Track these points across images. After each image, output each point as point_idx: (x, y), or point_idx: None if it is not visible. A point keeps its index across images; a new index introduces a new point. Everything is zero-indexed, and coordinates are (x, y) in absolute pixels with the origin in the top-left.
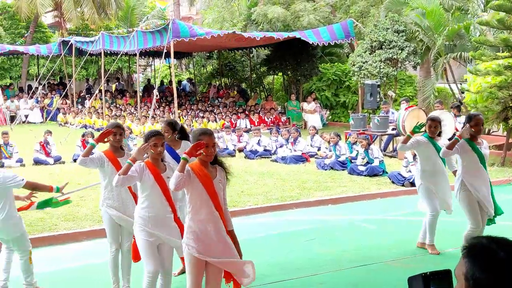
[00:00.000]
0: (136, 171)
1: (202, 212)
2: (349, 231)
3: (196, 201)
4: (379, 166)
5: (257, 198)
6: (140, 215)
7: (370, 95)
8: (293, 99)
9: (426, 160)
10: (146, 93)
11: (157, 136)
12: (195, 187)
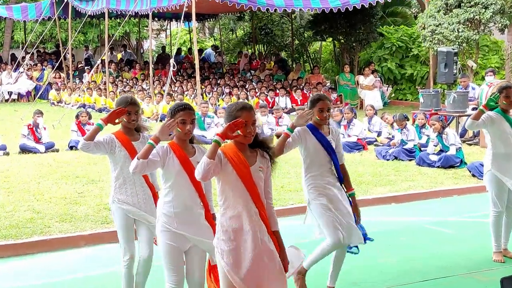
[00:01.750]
0: (159, 155)
1: (237, 207)
2: (417, 235)
3: (229, 193)
4: (456, 155)
5: (300, 195)
6: (164, 211)
7: (445, 66)
8: (346, 71)
9: (498, 140)
10: (160, 64)
11: (186, 111)
12: (227, 175)
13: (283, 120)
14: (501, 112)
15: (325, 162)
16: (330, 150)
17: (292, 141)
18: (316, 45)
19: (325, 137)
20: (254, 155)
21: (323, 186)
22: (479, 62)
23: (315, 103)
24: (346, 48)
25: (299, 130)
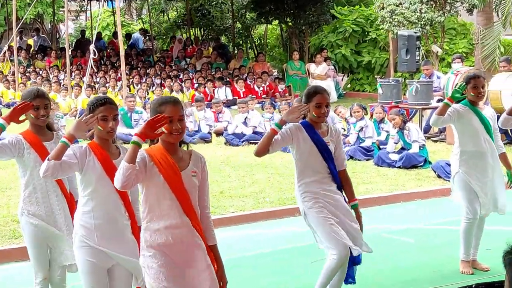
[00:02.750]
0: (75, 156)
1: (164, 218)
2: (377, 246)
3: (155, 202)
4: (419, 154)
5: (243, 202)
6: (82, 222)
7: (407, 52)
8: (295, 59)
9: (466, 136)
10: (80, 51)
11: (107, 106)
12: (154, 182)
13: (223, 115)
14: (469, 104)
15: (320, 167)
16: (326, 154)
17: (281, 139)
18: (260, 29)
19: (322, 138)
20: (187, 157)
21: (320, 193)
22: (445, 47)
23: (311, 97)
24: (295, 32)
25: (291, 127)
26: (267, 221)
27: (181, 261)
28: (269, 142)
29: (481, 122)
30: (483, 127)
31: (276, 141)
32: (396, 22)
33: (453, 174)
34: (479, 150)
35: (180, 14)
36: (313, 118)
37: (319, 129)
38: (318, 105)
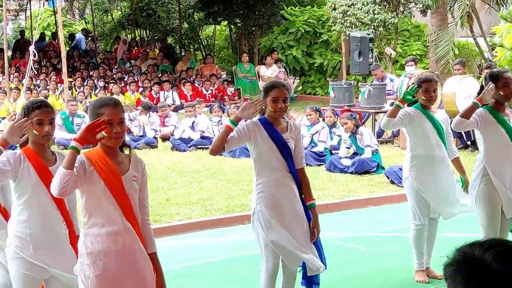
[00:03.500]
0: (9, 163)
1: (104, 225)
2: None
3: (95, 208)
4: (372, 159)
5: (190, 209)
6: (17, 232)
7: (359, 54)
8: (244, 61)
9: (418, 141)
10: (19, 52)
11: (42, 109)
12: (93, 187)
13: (170, 120)
14: (421, 108)
15: (279, 166)
16: (285, 151)
17: (237, 136)
18: (209, 30)
19: (281, 135)
20: (127, 161)
21: (274, 197)
22: (398, 49)
23: (268, 91)
24: (244, 33)
25: (247, 124)
26: (215, 229)
27: (122, 269)
28: (224, 140)
29: (433, 126)
30: (435, 131)
31: (232, 138)
32: (349, 23)
33: (404, 178)
34: (430, 155)
35: (125, 14)
36: (270, 114)
37: (278, 125)
38: (275, 100)
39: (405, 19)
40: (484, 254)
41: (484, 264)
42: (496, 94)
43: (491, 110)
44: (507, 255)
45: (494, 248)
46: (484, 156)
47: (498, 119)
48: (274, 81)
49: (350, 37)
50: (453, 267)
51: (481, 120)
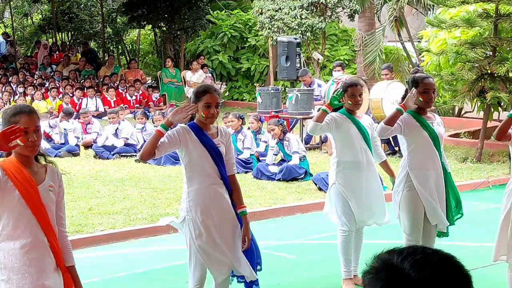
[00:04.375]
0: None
1: (20, 237)
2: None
3: (8, 219)
4: (300, 166)
5: (113, 219)
6: None
7: (287, 59)
8: (170, 66)
9: (344, 146)
10: None
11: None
12: (8, 197)
13: (92, 126)
14: (347, 113)
15: (211, 172)
16: (217, 157)
17: (168, 142)
18: (133, 34)
19: (212, 140)
20: (43, 171)
21: (206, 204)
22: (326, 54)
23: (200, 96)
24: (170, 37)
25: (178, 129)
26: (139, 239)
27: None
28: (155, 145)
29: (359, 131)
30: (361, 136)
31: (162, 144)
32: (276, 28)
33: (330, 184)
34: (356, 161)
35: (46, 18)
36: (201, 119)
37: (208, 130)
38: (207, 105)
39: (332, 24)
40: (403, 262)
41: (402, 272)
42: (416, 99)
43: (414, 114)
44: (425, 263)
45: (412, 255)
46: (407, 161)
47: (422, 123)
48: (207, 86)
49: (277, 42)
50: (371, 275)
51: (404, 125)
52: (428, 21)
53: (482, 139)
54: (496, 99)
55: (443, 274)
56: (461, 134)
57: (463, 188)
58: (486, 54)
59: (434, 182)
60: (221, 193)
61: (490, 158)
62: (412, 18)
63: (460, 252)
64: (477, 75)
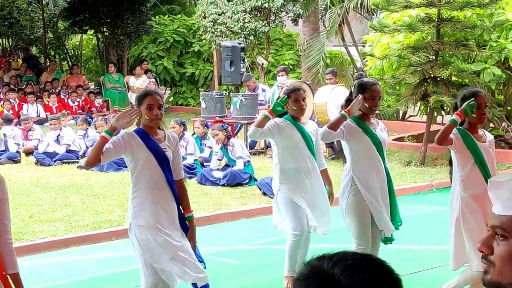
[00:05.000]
0: None
1: None
2: None
3: None
4: (244, 171)
5: (55, 226)
6: None
7: (231, 64)
8: (113, 71)
9: (287, 152)
10: None
11: None
12: None
13: (34, 133)
14: (291, 119)
15: (157, 177)
16: (163, 162)
17: (113, 147)
18: (75, 39)
19: (158, 145)
20: None
21: (152, 209)
22: (271, 59)
23: (142, 100)
24: (112, 42)
25: (123, 135)
26: (81, 247)
27: None
28: (100, 151)
29: (302, 138)
30: (304, 142)
31: (107, 150)
32: (219, 32)
33: (274, 192)
34: (300, 167)
35: None
36: (146, 122)
37: (154, 135)
38: (149, 107)
39: (277, 28)
40: (333, 268)
41: (332, 279)
42: (361, 105)
43: (357, 120)
44: (356, 269)
45: (343, 261)
46: (351, 166)
47: (364, 128)
48: (147, 89)
49: (221, 47)
50: (301, 281)
51: (346, 131)
52: (371, 25)
53: (426, 142)
54: (439, 102)
55: (373, 279)
56: (405, 138)
57: (407, 191)
58: (428, 58)
59: (378, 187)
60: (167, 198)
61: (434, 162)
62: (357, 22)
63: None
64: (420, 79)
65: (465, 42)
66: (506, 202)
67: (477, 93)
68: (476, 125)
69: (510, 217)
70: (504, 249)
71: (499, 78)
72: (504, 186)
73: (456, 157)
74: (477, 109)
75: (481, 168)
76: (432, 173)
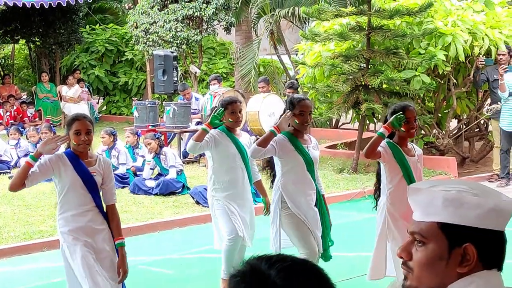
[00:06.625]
0: None
1: None
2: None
3: None
4: (177, 179)
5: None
6: None
7: (163, 73)
8: (45, 80)
9: (222, 164)
10: None
11: None
12: None
13: None
14: (226, 130)
15: (84, 200)
16: (90, 185)
17: (39, 171)
18: (7, 49)
19: (87, 168)
20: None
21: (77, 232)
22: (204, 67)
23: (70, 124)
24: (44, 52)
25: (51, 158)
26: (11, 258)
27: None
28: (24, 176)
29: (237, 150)
30: (239, 154)
31: (33, 174)
32: (151, 41)
33: (209, 203)
34: (233, 179)
35: None
36: (74, 147)
37: (84, 158)
38: (77, 132)
39: (209, 37)
40: (270, 268)
41: (268, 278)
42: (292, 121)
43: (290, 136)
44: (292, 271)
45: (280, 263)
46: (281, 182)
47: (297, 147)
48: (76, 114)
49: (153, 56)
50: (238, 278)
51: (278, 147)
52: (302, 34)
53: (358, 150)
54: (370, 110)
55: (308, 283)
56: (338, 145)
57: (339, 198)
58: (360, 66)
59: (306, 206)
60: (95, 220)
61: (366, 169)
62: (291, 31)
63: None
64: (352, 87)
65: (395, 50)
66: (425, 208)
67: (407, 107)
68: (405, 138)
69: (429, 223)
70: (422, 255)
71: (429, 85)
72: (423, 193)
73: (385, 170)
74: (406, 123)
75: (408, 182)
76: (365, 180)
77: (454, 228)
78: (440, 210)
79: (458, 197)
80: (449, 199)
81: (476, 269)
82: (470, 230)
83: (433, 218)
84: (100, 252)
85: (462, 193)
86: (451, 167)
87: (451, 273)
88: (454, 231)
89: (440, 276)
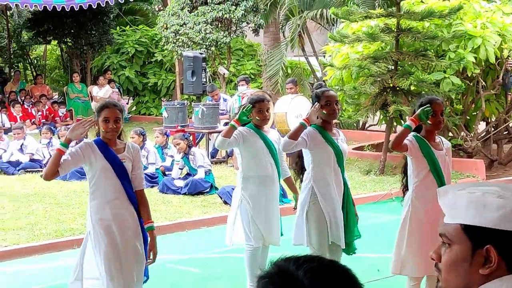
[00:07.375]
0: None
1: None
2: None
3: None
4: (205, 179)
5: (18, 235)
6: None
7: (192, 74)
8: (76, 81)
9: (251, 161)
10: None
11: None
12: None
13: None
14: (254, 127)
15: (115, 186)
16: (121, 172)
17: (71, 158)
18: (39, 49)
19: (116, 155)
20: None
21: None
22: (232, 69)
23: (100, 111)
24: (76, 53)
25: (81, 145)
26: (43, 255)
27: None
28: (57, 164)
29: (266, 146)
30: (268, 151)
31: (65, 161)
32: (181, 42)
33: (237, 202)
34: (263, 175)
35: None
36: (102, 134)
37: (113, 146)
38: (106, 120)
39: (238, 39)
40: (298, 269)
41: (296, 279)
42: (319, 113)
43: (320, 129)
44: (319, 271)
45: (308, 263)
46: (311, 175)
47: (326, 138)
48: (106, 101)
49: (183, 57)
50: (266, 279)
51: (309, 139)
52: (330, 36)
53: (385, 151)
54: (398, 112)
55: (336, 284)
56: (365, 147)
57: (366, 200)
58: (388, 68)
59: (337, 198)
60: (125, 208)
61: (393, 171)
62: (319, 33)
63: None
64: (380, 89)
65: (424, 52)
66: (450, 210)
67: (434, 100)
68: (433, 132)
69: (454, 225)
70: (448, 257)
71: (458, 87)
72: (449, 195)
73: (411, 163)
74: (433, 116)
75: (435, 176)
76: (392, 182)
77: (476, 230)
78: (464, 212)
79: (481, 199)
80: (472, 201)
81: (499, 271)
82: (492, 232)
83: (457, 220)
84: (127, 246)
85: (486, 195)
86: (479, 170)
87: (475, 276)
88: (476, 233)
89: (464, 278)
